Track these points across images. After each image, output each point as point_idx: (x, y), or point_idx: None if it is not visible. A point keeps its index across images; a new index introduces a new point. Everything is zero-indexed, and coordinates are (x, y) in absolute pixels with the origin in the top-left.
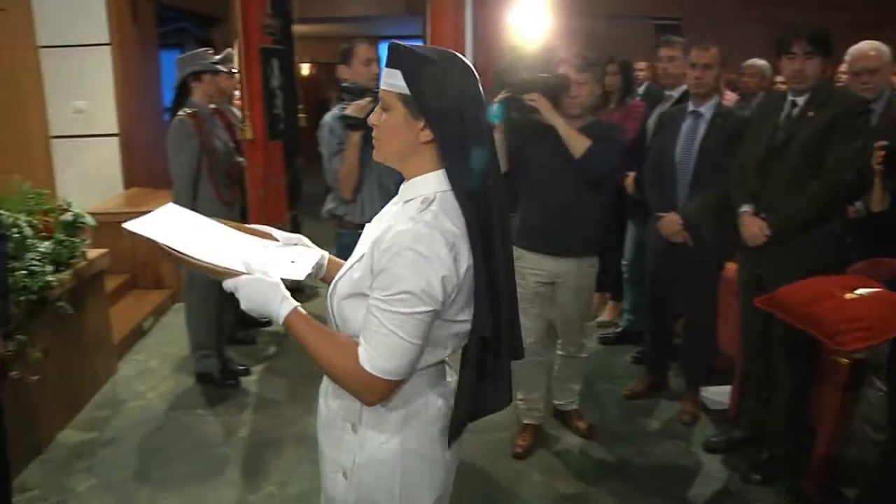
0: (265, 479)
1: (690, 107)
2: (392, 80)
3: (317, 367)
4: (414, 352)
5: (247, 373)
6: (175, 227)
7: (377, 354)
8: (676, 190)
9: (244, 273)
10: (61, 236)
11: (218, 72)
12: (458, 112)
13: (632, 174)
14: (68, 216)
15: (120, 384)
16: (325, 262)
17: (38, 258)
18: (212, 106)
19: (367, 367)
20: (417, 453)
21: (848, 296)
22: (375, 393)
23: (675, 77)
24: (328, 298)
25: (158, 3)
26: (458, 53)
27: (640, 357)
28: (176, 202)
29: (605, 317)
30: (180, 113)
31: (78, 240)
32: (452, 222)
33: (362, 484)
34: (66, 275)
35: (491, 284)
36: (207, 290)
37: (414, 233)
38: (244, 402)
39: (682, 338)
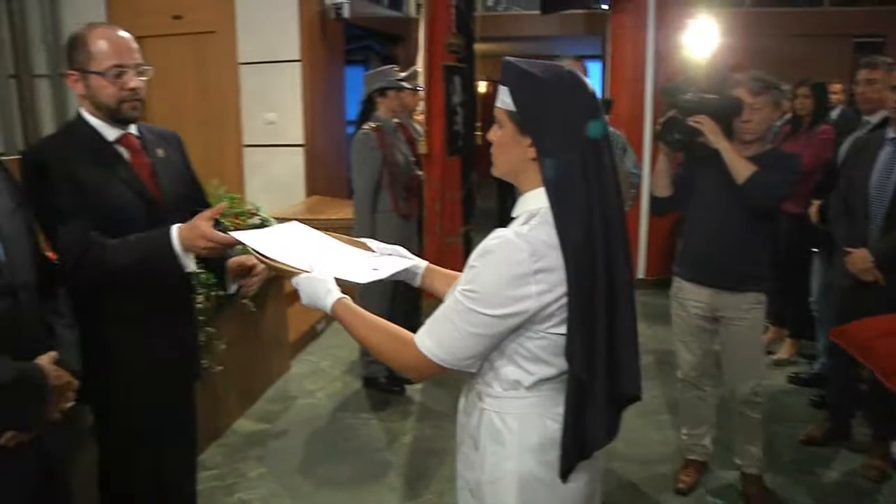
0: (425, 487)
1: (890, 133)
2: (502, 97)
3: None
4: (467, 345)
5: (412, 381)
6: (276, 238)
7: (430, 334)
8: (868, 223)
9: (306, 272)
10: None
11: (402, 88)
12: (560, 129)
13: (816, 203)
14: (256, 219)
15: (292, 381)
16: (420, 270)
17: None
18: (395, 121)
19: (417, 343)
20: (536, 477)
21: None
22: (420, 370)
23: (874, 101)
24: None
25: (346, 23)
26: (571, 69)
27: (820, 400)
28: (356, 212)
29: (782, 354)
30: (365, 127)
31: None
32: (549, 234)
33: (486, 502)
34: None
35: (584, 311)
36: (380, 298)
37: (503, 239)
38: (408, 410)
39: (869, 384)
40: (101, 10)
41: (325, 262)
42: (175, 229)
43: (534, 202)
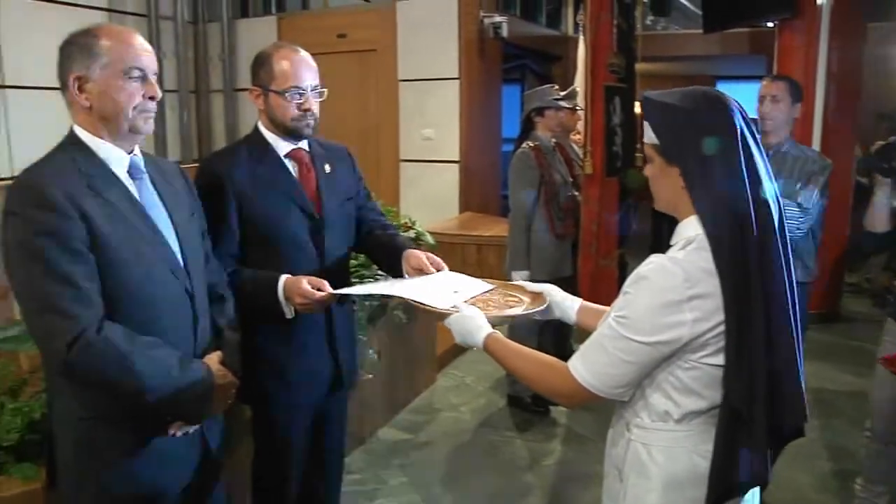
0: None
1: None
2: (647, 132)
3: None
4: (619, 373)
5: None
6: (415, 283)
7: (583, 361)
8: None
9: (454, 312)
10: None
11: (560, 108)
12: (700, 154)
13: None
14: (411, 233)
15: (437, 394)
16: (575, 307)
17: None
18: (553, 140)
19: (570, 370)
20: None
21: None
22: (571, 397)
23: None
24: None
25: (504, 42)
26: (708, 91)
27: None
28: (511, 230)
29: None
30: (523, 145)
31: None
32: (705, 260)
33: None
34: None
35: (740, 342)
36: (528, 330)
37: (657, 265)
38: (552, 432)
39: None
40: (273, 29)
41: (463, 300)
42: (283, 279)
43: (691, 229)
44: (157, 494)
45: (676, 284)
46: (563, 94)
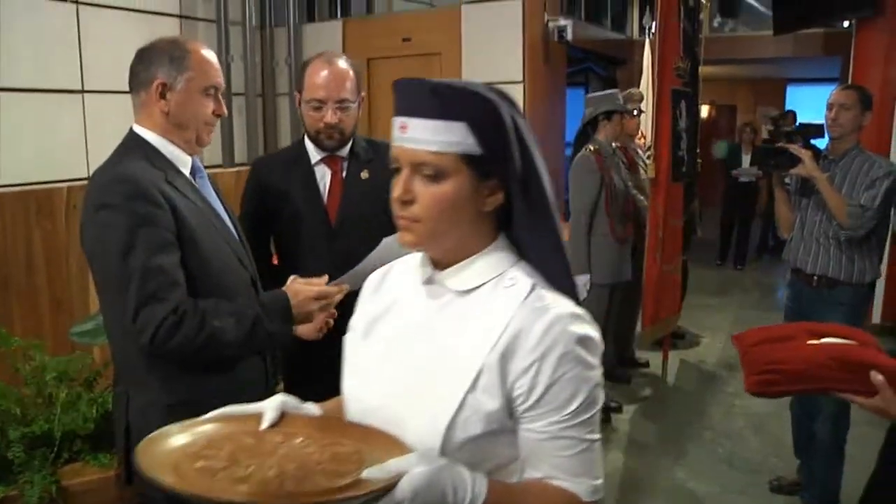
0: None
1: None
2: (444, 137)
3: (691, 418)
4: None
5: (619, 410)
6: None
7: (591, 477)
8: None
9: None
10: None
11: (630, 113)
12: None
13: None
14: None
15: None
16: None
17: None
18: (615, 144)
19: (594, 498)
20: None
21: (810, 342)
22: None
23: None
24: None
25: (568, 45)
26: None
27: None
28: (572, 234)
29: None
30: (585, 149)
31: None
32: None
33: None
34: None
35: None
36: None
37: (570, 330)
38: (611, 439)
39: None
40: (338, 34)
41: None
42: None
43: (494, 265)
44: None
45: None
46: (634, 100)
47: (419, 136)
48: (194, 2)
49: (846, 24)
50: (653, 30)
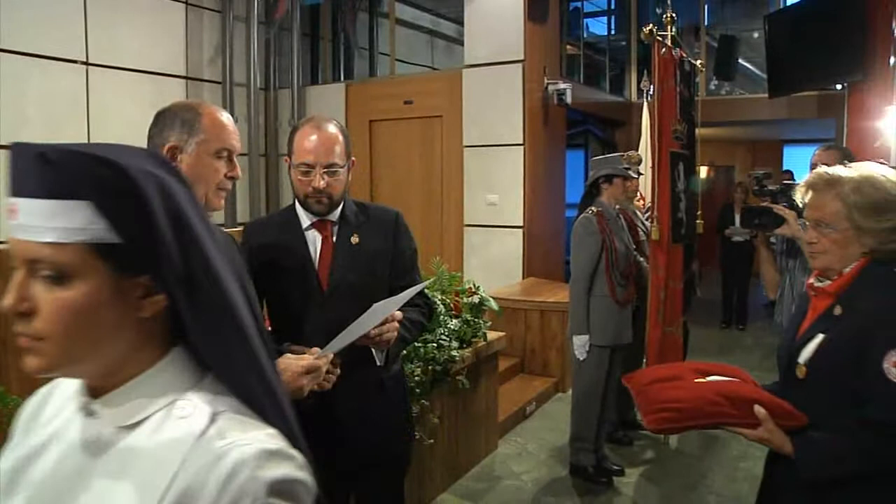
0: None
1: None
2: (62, 223)
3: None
4: None
5: (621, 473)
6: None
7: None
8: None
9: None
10: (467, 316)
11: (629, 177)
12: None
13: None
14: (475, 298)
15: (498, 461)
16: None
17: (446, 334)
18: (616, 206)
19: None
20: None
21: (697, 380)
22: None
23: None
24: None
25: (567, 108)
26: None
27: None
28: (572, 295)
29: None
30: (587, 211)
31: (481, 321)
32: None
33: None
34: (467, 352)
35: None
36: (595, 385)
37: (259, 477)
38: (615, 503)
39: None
40: (341, 96)
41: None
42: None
43: (155, 389)
44: None
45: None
46: (632, 162)
47: (30, 222)
48: (200, 64)
49: (839, 87)
50: (650, 93)
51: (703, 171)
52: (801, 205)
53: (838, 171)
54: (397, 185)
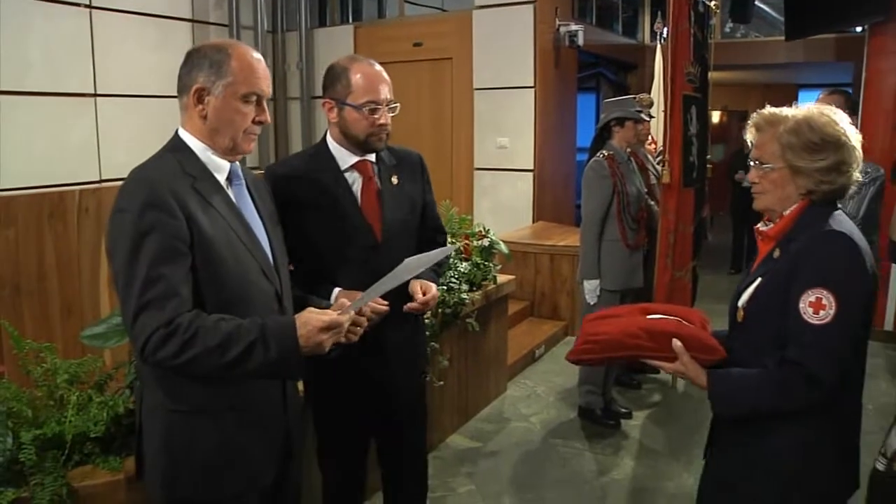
0: None
1: None
2: None
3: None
4: None
5: (629, 416)
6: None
7: None
8: None
9: None
10: (478, 259)
11: (641, 120)
12: None
13: None
14: (485, 242)
15: (507, 403)
16: None
17: (456, 276)
18: (627, 150)
19: None
20: None
21: (638, 317)
22: None
23: None
24: None
25: (579, 50)
26: None
27: None
28: (582, 239)
29: None
30: (598, 155)
31: (491, 264)
32: None
33: None
34: (477, 295)
35: None
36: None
37: None
38: (621, 445)
39: None
40: (349, 38)
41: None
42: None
43: None
44: (240, 492)
45: None
46: (644, 105)
47: None
48: (206, 6)
49: (859, 28)
50: (664, 35)
51: (716, 116)
52: (749, 144)
53: (783, 111)
54: (407, 129)
